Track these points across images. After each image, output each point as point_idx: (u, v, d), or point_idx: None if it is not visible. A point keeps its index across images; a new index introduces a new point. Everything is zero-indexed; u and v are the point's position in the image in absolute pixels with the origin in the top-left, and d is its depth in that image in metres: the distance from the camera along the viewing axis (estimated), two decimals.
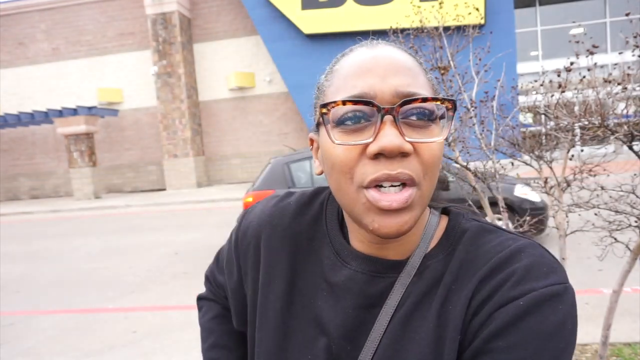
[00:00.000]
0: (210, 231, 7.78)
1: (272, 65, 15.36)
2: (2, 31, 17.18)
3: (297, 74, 13.91)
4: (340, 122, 0.52)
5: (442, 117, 0.53)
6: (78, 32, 16.90)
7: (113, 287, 4.93)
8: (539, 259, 0.52)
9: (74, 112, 14.68)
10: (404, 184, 0.51)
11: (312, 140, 0.63)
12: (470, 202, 2.19)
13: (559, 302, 0.49)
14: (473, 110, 2.14)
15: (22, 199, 17.90)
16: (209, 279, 0.85)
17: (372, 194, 0.51)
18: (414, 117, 0.51)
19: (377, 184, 0.51)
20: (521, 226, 2.31)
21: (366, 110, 0.51)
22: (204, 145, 16.63)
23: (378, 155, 0.50)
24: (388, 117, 0.50)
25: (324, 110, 0.52)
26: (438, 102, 0.52)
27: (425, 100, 0.51)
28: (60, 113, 14.75)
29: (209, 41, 16.27)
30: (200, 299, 0.86)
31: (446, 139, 0.59)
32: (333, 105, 0.51)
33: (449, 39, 2.19)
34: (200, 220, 9.18)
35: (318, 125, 0.58)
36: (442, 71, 2.08)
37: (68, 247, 7.48)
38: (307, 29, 14.27)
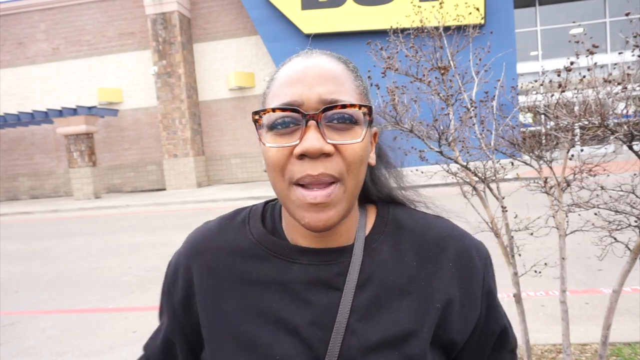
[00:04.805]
0: None
1: (272, 65, 15.35)
2: (2, 31, 17.18)
3: None
4: (271, 127, 0.59)
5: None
6: (78, 32, 16.90)
7: (113, 287, 4.92)
8: (465, 232, 0.70)
9: (74, 112, 14.68)
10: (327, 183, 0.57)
11: None
12: None
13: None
14: (473, 110, 2.14)
15: (22, 198, 17.90)
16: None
17: (300, 191, 0.58)
18: (335, 121, 0.58)
19: (302, 183, 0.57)
20: None
21: (293, 116, 0.58)
22: (203, 145, 16.62)
23: (303, 156, 0.57)
24: (312, 122, 0.56)
25: (256, 117, 0.59)
26: (356, 108, 0.58)
27: (344, 106, 0.57)
28: (60, 113, 14.75)
29: (208, 41, 16.27)
30: None
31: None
32: (263, 112, 0.59)
33: (449, 39, 2.19)
34: (200, 220, 9.06)
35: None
36: (442, 71, 2.08)
37: (68, 247, 7.47)
38: (307, 29, 14.27)
